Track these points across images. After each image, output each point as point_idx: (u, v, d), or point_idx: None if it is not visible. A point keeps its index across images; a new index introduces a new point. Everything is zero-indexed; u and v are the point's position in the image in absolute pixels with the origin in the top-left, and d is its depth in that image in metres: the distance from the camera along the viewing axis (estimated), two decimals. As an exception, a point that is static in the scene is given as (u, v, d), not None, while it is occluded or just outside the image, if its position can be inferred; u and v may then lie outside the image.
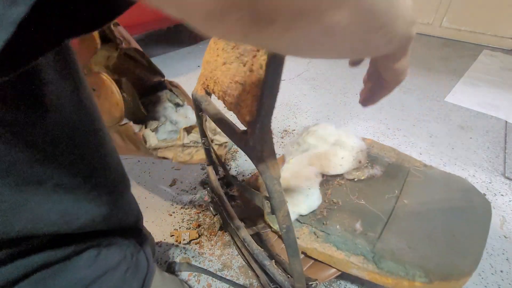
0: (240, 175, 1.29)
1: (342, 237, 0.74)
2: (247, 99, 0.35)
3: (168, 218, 1.09)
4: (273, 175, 0.37)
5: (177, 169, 1.32)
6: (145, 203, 1.15)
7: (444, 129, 1.58)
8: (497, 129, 1.58)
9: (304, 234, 0.78)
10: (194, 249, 0.98)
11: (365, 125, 1.62)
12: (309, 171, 0.90)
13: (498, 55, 2.55)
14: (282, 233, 0.45)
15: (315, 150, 0.95)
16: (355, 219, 0.78)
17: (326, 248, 0.73)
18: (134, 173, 1.30)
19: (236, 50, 0.36)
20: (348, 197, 0.85)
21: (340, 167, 0.91)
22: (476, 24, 2.75)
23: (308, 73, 2.27)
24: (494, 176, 1.26)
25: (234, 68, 0.36)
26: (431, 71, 2.26)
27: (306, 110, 1.77)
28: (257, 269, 0.77)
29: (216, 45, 0.43)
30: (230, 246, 0.98)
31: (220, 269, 0.92)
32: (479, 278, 0.89)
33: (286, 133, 1.56)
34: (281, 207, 0.41)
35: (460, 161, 1.35)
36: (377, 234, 0.73)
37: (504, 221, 1.05)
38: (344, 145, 0.96)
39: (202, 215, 1.10)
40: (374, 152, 1.02)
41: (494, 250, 0.96)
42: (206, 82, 0.48)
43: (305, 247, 0.75)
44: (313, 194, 0.84)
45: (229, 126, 0.43)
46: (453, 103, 1.83)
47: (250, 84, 0.34)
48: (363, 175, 0.91)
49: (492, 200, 1.14)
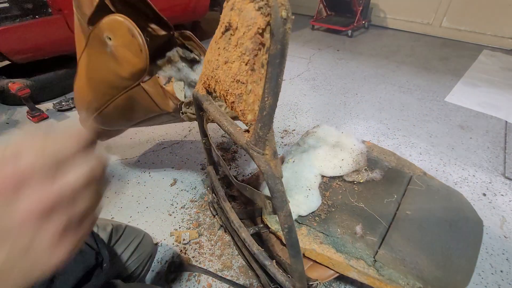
0: (240, 175, 1.29)
1: (342, 239, 0.74)
2: (248, 98, 0.35)
3: (168, 218, 1.08)
4: (275, 174, 0.37)
5: (177, 169, 1.32)
6: (145, 203, 1.15)
7: (444, 129, 1.58)
8: (497, 129, 1.58)
9: (303, 234, 0.78)
10: (194, 249, 0.97)
11: (365, 125, 1.62)
12: (308, 172, 0.90)
13: (498, 55, 2.56)
14: (284, 233, 0.44)
15: (315, 151, 0.95)
16: (355, 222, 0.78)
17: (325, 250, 0.73)
18: (134, 173, 1.30)
19: (238, 49, 0.35)
20: (347, 199, 0.85)
21: (340, 169, 0.91)
22: (476, 24, 2.76)
23: (308, 73, 2.27)
24: (494, 176, 1.26)
25: (235, 67, 0.36)
26: (431, 71, 2.26)
27: (306, 110, 1.77)
28: (257, 269, 0.77)
29: (218, 45, 0.42)
30: (230, 246, 0.98)
31: (220, 269, 0.91)
32: (479, 278, 0.89)
33: (286, 133, 1.56)
34: (283, 207, 0.40)
35: (460, 161, 1.35)
36: (378, 240, 0.73)
37: (504, 221, 1.05)
38: (344, 147, 0.96)
39: (202, 215, 1.09)
40: (374, 155, 1.02)
41: (494, 250, 0.96)
42: (208, 82, 0.48)
43: (304, 248, 0.75)
44: (313, 195, 0.83)
45: (230, 125, 0.43)
46: (453, 103, 1.83)
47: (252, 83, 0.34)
48: (363, 178, 0.91)
49: (492, 200, 1.14)
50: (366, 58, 2.53)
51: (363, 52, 2.65)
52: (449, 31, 2.94)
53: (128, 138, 1.53)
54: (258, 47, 0.32)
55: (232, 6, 0.36)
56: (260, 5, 0.30)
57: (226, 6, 0.39)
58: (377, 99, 1.88)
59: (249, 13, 0.32)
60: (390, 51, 2.68)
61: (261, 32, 0.31)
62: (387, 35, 3.14)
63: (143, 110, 0.85)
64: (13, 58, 1.69)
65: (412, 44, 2.86)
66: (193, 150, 1.44)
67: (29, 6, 1.68)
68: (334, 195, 0.87)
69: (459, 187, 1.20)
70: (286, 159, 0.97)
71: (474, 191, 1.18)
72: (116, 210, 1.12)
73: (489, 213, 1.09)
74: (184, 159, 1.38)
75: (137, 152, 1.43)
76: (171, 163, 1.36)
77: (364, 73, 2.24)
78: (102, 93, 0.85)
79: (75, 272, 0.52)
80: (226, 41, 0.39)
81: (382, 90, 2.00)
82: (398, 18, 3.23)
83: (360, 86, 2.06)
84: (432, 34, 3.06)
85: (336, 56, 2.57)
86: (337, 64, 2.40)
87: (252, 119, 0.35)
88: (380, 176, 0.92)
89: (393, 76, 2.19)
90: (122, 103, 0.84)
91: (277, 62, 0.30)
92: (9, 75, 1.83)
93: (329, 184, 0.91)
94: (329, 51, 2.69)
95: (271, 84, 0.32)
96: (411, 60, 2.48)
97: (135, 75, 0.73)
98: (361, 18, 3.06)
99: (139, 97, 0.79)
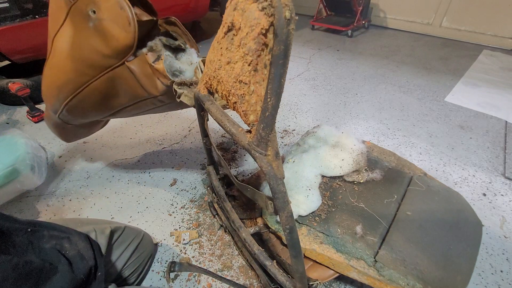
0: (240, 175, 1.29)
1: (342, 239, 0.74)
2: (251, 99, 0.35)
3: (168, 218, 1.08)
4: (277, 175, 0.37)
5: (177, 169, 1.32)
6: (145, 203, 1.15)
7: (444, 129, 1.59)
8: (497, 129, 1.58)
9: (303, 234, 0.78)
10: (194, 249, 0.97)
11: (365, 125, 1.62)
12: (309, 172, 0.90)
13: (498, 55, 2.56)
14: (285, 233, 0.44)
15: (315, 151, 0.95)
16: (355, 222, 0.78)
17: (325, 250, 0.73)
18: (134, 173, 1.30)
19: (241, 50, 0.35)
20: (347, 200, 0.85)
21: (340, 169, 0.91)
22: (476, 24, 2.76)
23: (308, 73, 2.27)
24: (494, 176, 1.26)
25: (238, 68, 0.36)
26: (431, 71, 2.26)
27: (306, 110, 1.77)
28: (257, 269, 0.77)
29: (220, 45, 0.42)
30: (230, 246, 0.98)
31: (220, 269, 0.91)
32: (479, 278, 0.89)
33: (286, 133, 1.56)
34: (284, 207, 0.40)
35: (460, 161, 1.35)
36: (379, 240, 0.73)
37: (504, 221, 1.06)
38: (344, 147, 0.96)
39: (202, 215, 1.09)
40: (374, 155, 1.02)
41: (494, 250, 0.96)
42: (209, 82, 0.48)
43: (304, 248, 0.75)
44: (313, 195, 0.83)
45: (232, 126, 0.42)
46: (453, 103, 1.83)
47: (254, 84, 0.34)
48: (363, 178, 0.91)
49: (492, 200, 1.14)
50: (366, 58, 2.53)
51: (363, 52, 2.65)
52: (449, 31, 2.94)
53: (128, 138, 1.53)
54: (261, 47, 0.32)
55: (235, 6, 0.36)
56: (263, 5, 0.30)
57: (229, 6, 0.39)
58: (377, 99, 1.88)
59: (252, 13, 0.32)
60: (390, 51, 2.69)
61: (264, 33, 0.31)
62: (387, 35, 3.14)
63: (126, 95, 0.78)
64: (13, 58, 1.69)
65: (412, 44, 2.86)
66: (193, 150, 1.44)
67: (29, 6, 1.68)
68: (334, 195, 0.87)
69: (459, 187, 1.20)
70: (286, 159, 0.97)
71: (474, 191, 1.18)
72: (116, 210, 1.12)
73: (489, 213, 1.09)
74: (184, 159, 1.38)
75: (137, 152, 1.43)
76: (171, 163, 1.36)
77: (364, 73, 2.25)
78: (79, 74, 0.76)
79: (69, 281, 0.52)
80: (229, 41, 0.39)
81: (382, 90, 2.00)
82: (398, 18, 3.23)
83: (360, 86, 2.06)
84: (432, 34, 3.06)
85: (336, 56, 2.57)
86: (337, 64, 2.40)
87: (254, 119, 0.35)
88: (380, 176, 0.92)
89: (393, 76, 2.19)
90: (102, 86, 0.76)
91: (280, 63, 0.30)
92: (9, 75, 1.83)
93: (329, 184, 0.91)
94: (329, 51, 2.69)
95: (274, 85, 0.32)
96: (411, 60, 2.48)
97: (120, 53, 0.67)
98: (361, 18, 3.06)
99: (123, 78, 0.73)
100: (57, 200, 1.17)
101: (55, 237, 0.56)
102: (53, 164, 1.37)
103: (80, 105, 0.83)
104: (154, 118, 1.70)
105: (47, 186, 1.24)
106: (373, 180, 0.91)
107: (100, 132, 1.58)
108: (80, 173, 1.31)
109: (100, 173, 1.31)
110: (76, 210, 1.13)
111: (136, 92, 0.75)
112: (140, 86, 0.73)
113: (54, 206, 1.14)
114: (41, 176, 1.21)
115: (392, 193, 0.86)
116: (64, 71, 0.77)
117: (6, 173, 1.09)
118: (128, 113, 0.94)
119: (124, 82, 0.74)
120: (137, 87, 0.73)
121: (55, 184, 1.25)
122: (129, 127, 1.63)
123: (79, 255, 0.57)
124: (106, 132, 1.58)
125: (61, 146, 1.47)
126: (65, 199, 1.17)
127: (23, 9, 1.67)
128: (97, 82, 0.75)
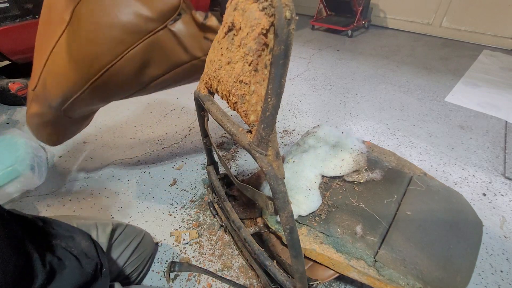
0: (240, 175, 1.29)
1: (342, 239, 0.74)
2: (251, 99, 0.35)
3: (168, 218, 1.08)
4: (278, 175, 0.37)
5: (177, 169, 1.32)
6: (145, 203, 1.15)
7: (444, 129, 1.59)
8: (497, 129, 1.58)
9: (303, 234, 0.78)
10: (194, 249, 0.97)
11: (365, 125, 1.62)
12: (309, 172, 0.90)
13: (498, 55, 2.56)
14: (286, 234, 0.44)
15: (315, 151, 0.95)
16: (355, 222, 0.78)
17: (325, 250, 0.73)
18: (134, 173, 1.30)
19: (241, 50, 0.35)
20: (347, 200, 0.85)
21: (340, 169, 0.91)
22: (476, 24, 2.76)
23: (308, 73, 2.27)
24: (494, 176, 1.26)
25: (239, 68, 0.36)
26: (431, 71, 2.26)
27: (306, 110, 1.77)
28: (257, 269, 0.77)
29: (220, 45, 0.42)
30: (230, 246, 0.98)
31: (220, 269, 0.91)
32: (479, 278, 0.89)
33: (286, 133, 1.56)
34: (285, 207, 0.40)
35: (460, 161, 1.35)
36: (379, 240, 0.74)
37: (504, 221, 1.06)
38: (344, 147, 0.96)
39: (202, 215, 1.09)
40: (374, 155, 1.02)
41: (494, 250, 0.96)
42: (210, 82, 0.48)
43: (304, 248, 0.75)
44: (313, 195, 0.83)
45: (232, 126, 0.42)
46: (453, 103, 1.83)
47: (255, 84, 0.34)
48: (363, 178, 0.91)
49: (492, 200, 1.14)
50: (366, 58, 2.53)
51: (363, 52, 2.65)
52: (449, 31, 2.94)
53: (128, 138, 1.53)
54: (261, 47, 0.32)
55: (236, 6, 0.36)
56: (264, 5, 0.30)
57: (229, 6, 0.39)
58: (377, 99, 1.88)
59: (252, 13, 0.32)
60: (390, 51, 2.69)
61: (264, 33, 0.31)
62: (387, 35, 3.14)
63: (162, 63, 0.71)
64: (13, 58, 1.69)
65: (412, 44, 2.86)
66: (193, 150, 1.44)
67: (29, 6, 1.68)
68: (334, 195, 0.87)
69: (459, 187, 1.20)
70: (286, 159, 0.97)
71: (474, 191, 1.18)
72: (116, 210, 1.12)
73: (489, 213, 1.09)
74: (184, 159, 1.38)
75: (137, 152, 1.43)
76: (171, 163, 1.36)
77: (364, 73, 2.25)
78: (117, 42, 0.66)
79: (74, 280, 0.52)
80: (229, 41, 0.39)
81: (382, 90, 2.00)
82: (398, 18, 3.23)
83: (360, 86, 2.06)
84: (432, 34, 3.06)
85: (336, 56, 2.57)
86: (337, 64, 2.40)
87: (254, 119, 0.35)
88: (380, 176, 0.92)
89: (393, 76, 2.19)
90: (138, 56, 0.68)
91: (281, 63, 0.30)
92: (9, 75, 1.83)
93: (329, 184, 0.91)
94: (329, 51, 2.69)
95: (274, 85, 0.32)
96: (411, 60, 2.48)
97: (165, 14, 0.61)
98: (361, 18, 3.06)
99: (163, 43, 0.66)
100: (57, 200, 1.17)
101: (60, 234, 0.57)
102: (53, 164, 1.37)
103: (112, 80, 0.72)
104: (154, 118, 1.70)
105: (47, 186, 1.24)
106: (373, 180, 0.91)
107: (100, 132, 1.58)
108: (80, 173, 1.31)
109: (100, 173, 1.31)
110: (76, 210, 1.13)
111: (176, 57, 0.69)
112: (183, 49, 0.67)
113: (54, 206, 1.14)
114: (41, 176, 1.21)
115: (392, 193, 0.86)
116: (96, 42, 0.66)
117: (6, 173, 1.09)
118: (154, 88, 0.84)
119: (164, 47, 0.67)
120: (178, 51, 0.67)
121: (55, 184, 1.25)
122: (129, 127, 1.63)
123: (83, 253, 0.58)
124: (106, 132, 1.58)
125: (61, 146, 1.47)
126: (65, 199, 1.17)
127: (23, 9, 1.67)
128: (134, 51, 0.67)
